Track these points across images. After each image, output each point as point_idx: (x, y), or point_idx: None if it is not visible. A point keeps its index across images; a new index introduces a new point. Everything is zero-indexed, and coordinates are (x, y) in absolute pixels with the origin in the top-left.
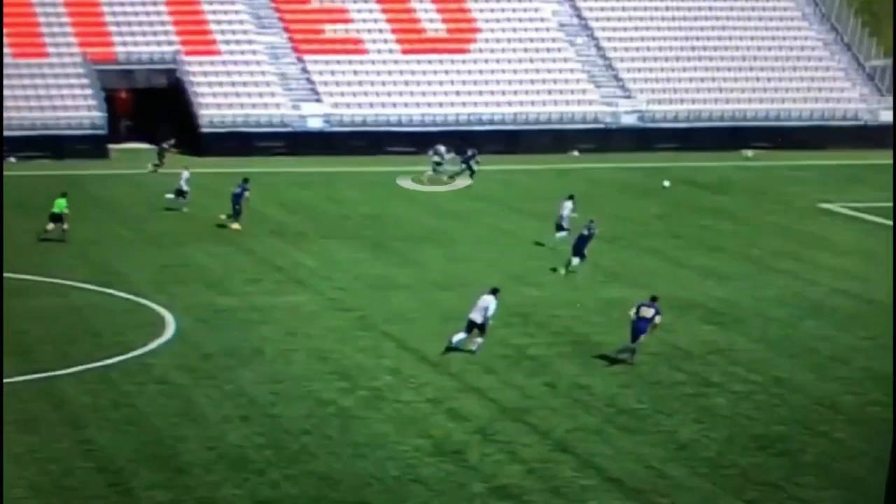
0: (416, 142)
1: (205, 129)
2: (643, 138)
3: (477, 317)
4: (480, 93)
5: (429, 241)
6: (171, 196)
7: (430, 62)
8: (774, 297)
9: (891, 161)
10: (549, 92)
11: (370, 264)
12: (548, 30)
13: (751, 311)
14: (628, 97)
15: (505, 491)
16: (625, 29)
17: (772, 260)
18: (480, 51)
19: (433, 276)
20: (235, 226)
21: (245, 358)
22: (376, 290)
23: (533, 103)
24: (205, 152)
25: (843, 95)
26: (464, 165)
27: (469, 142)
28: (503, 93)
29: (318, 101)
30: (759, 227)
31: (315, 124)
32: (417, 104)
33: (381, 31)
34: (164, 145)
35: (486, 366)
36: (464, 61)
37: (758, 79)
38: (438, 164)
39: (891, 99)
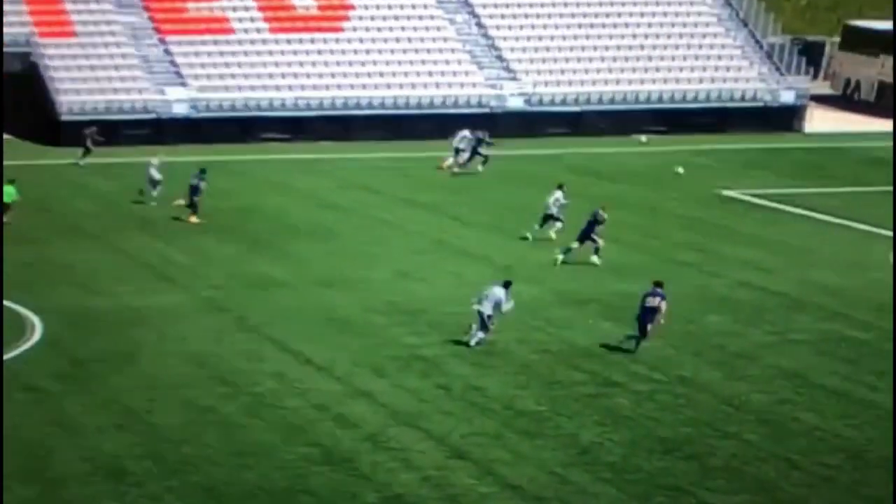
0: (290, 128)
1: (64, 118)
2: (531, 123)
3: (486, 308)
4: (357, 75)
5: (308, 235)
6: (154, 192)
7: (301, 42)
8: (676, 291)
9: (793, 144)
10: (431, 74)
11: (246, 260)
12: (426, 6)
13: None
14: (514, 79)
15: (400, 500)
16: (507, 6)
17: (673, 251)
18: (355, 30)
19: (314, 273)
20: (194, 219)
21: (118, 363)
22: (254, 289)
23: (414, 86)
24: (65, 142)
25: (741, 75)
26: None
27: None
28: (381, 74)
29: (184, 85)
30: (658, 216)
31: (181, 110)
32: (290, 87)
33: (247, 8)
34: (87, 131)
35: (376, 368)
36: (337, 40)
37: (650, 58)
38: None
39: (790, 78)
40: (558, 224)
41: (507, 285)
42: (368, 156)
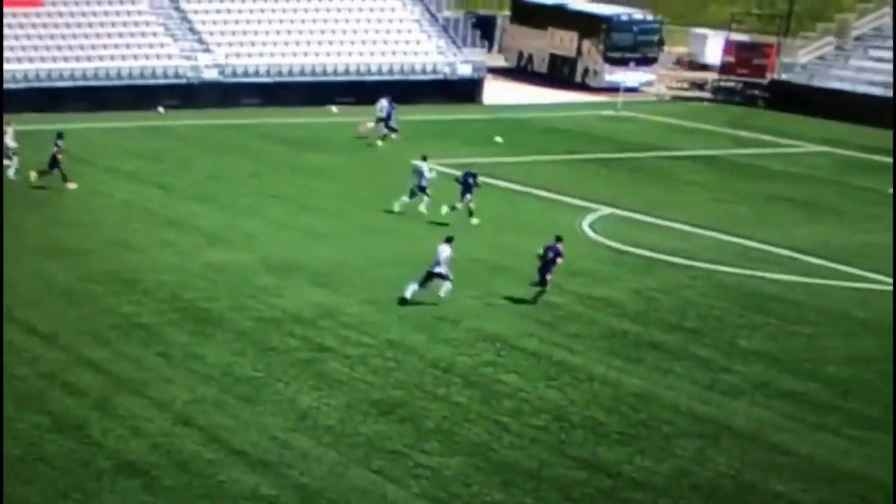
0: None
1: None
2: (227, 94)
3: (443, 269)
4: (59, 48)
5: (24, 207)
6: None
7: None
8: (379, 257)
9: (475, 115)
10: (128, 46)
11: None
12: None
13: (356, 271)
14: (207, 51)
15: (132, 467)
16: None
17: (373, 219)
18: (54, 3)
19: (34, 243)
20: (71, 185)
21: None
22: None
23: (113, 58)
24: None
25: (421, 48)
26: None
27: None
28: (81, 48)
29: None
30: (356, 185)
31: None
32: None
33: None
34: None
35: (98, 337)
36: (38, 14)
37: (334, 31)
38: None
39: (467, 51)
40: (426, 198)
41: (448, 240)
42: (76, 126)
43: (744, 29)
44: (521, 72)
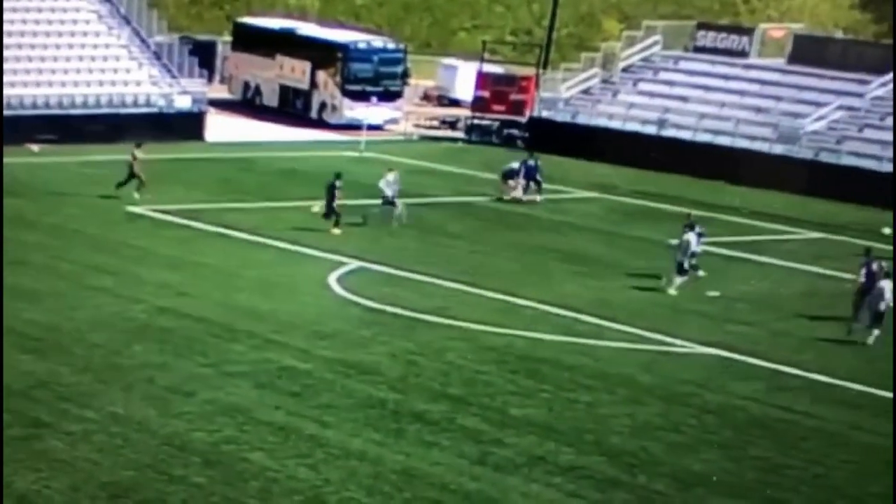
0: None
1: None
2: None
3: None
4: None
5: None
6: None
7: None
8: (95, 319)
9: (197, 154)
10: None
11: None
12: None
13: (71, 335)
14: None
15: None
16: None
17: (86, 275)
18: None
19: None
20: None
21: None
22: None
23: None
24: None
25: (131, 78)
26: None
27: None
28: None
29: None
30: (64, 236)
31: None
32: None
33: None
34: None
35: None
36: None
37: (30, 59)
38: None
39: (185, 81)
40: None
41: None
42: None
43: (498, 60)
44: (248, 105)
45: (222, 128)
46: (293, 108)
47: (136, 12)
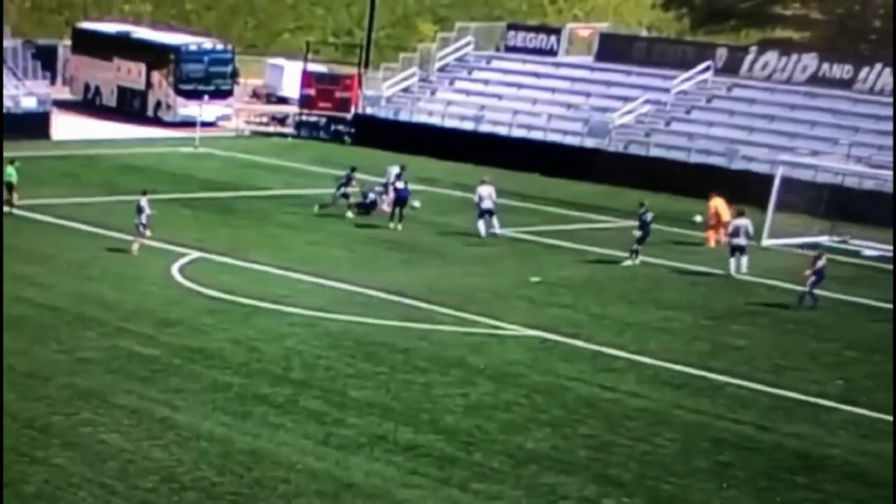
0: None
1: None
2: None
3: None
4: None
5: None
6: None
7: None
8: None
9: (45, 152)
10: None
11: None
12: None
13: None
14: None
15: None
16: None
17: None
18: None
19: None
20: None
21: None
22: None
23: None
24: None
25: None
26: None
27: None
28: None
29: None
30: None
31: None
32: None
33: None
34: None
35: None
36: None
37: None
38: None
39: (29, 83)
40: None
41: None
42: None
43: (322, 59)
44: (88, 105)
45: (66, 127)
46: (131, 107)
47: None
